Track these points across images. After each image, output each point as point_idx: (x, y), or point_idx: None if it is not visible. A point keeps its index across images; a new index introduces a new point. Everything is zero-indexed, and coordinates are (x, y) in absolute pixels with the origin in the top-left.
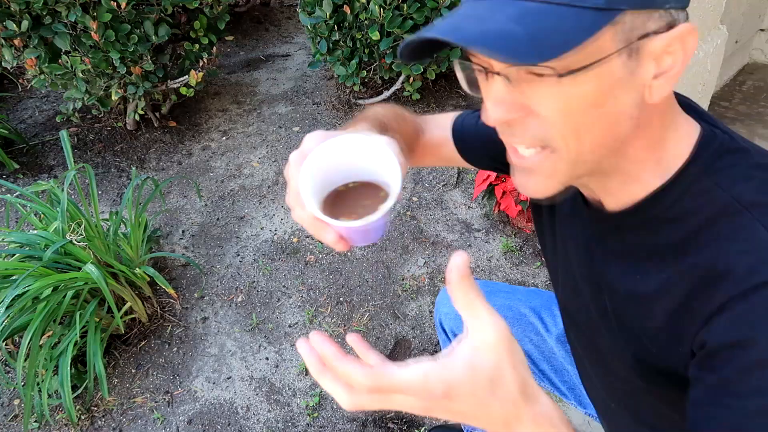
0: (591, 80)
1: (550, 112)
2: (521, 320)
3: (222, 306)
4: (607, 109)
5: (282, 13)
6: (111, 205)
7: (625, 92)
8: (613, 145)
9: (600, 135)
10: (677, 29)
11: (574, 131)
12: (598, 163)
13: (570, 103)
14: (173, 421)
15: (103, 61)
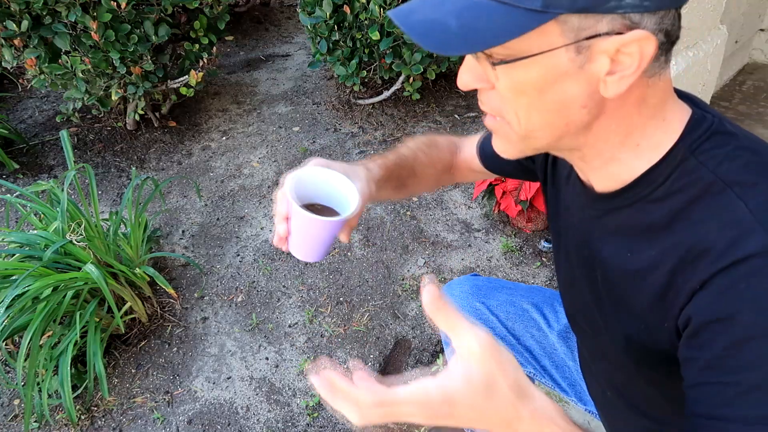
0: (535, 68)
1: (503, 89)
2: (523, 316)
3: (222, 306)
4: (553, 96)
5: (282, 13)
6: (111, 205)
7: (572, 83)
8: (566, 129)
9: (548, 117)
10: (630, 34)
11: (522, 110)
12: (557, 141)
13: (517, 85)
14: (173, 421)
15: (103, 61)
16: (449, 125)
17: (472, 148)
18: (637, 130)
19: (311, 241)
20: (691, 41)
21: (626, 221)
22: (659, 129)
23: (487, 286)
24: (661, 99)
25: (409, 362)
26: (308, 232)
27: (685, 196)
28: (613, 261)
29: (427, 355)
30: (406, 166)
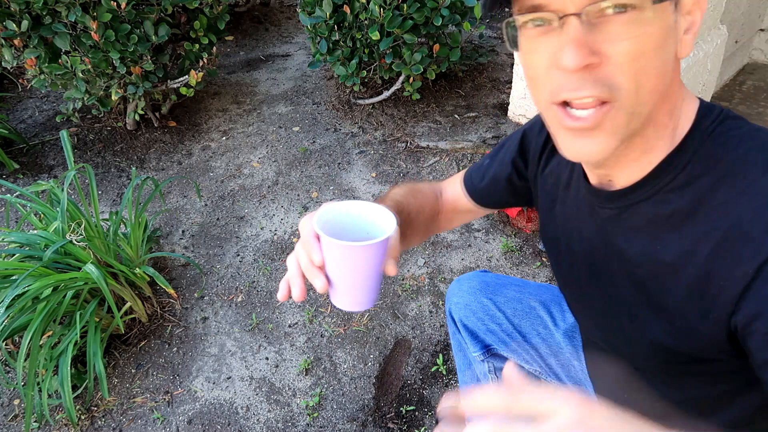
0: (657, 21)
1: (622, 54)
2: (530, 313)
3: (222, 306)
4: (663, 55)
5: (282, 13)
6: (111, 205)
7: (672, 40)
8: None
9: (655, 81)
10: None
11: (638, 75)
12: (646, 117)
13: (640, 42)
14: (173, 421)
15: (103, 61)
16: (449, 125)
17: (455, 187)
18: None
19: (358, 280)
20: None
21: (649, 214)
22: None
23: (496, 283)
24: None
25: (409, 362)
26: (352, 268)
27: (709, 179)
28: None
29: (427, 355)
30: (403, 213)
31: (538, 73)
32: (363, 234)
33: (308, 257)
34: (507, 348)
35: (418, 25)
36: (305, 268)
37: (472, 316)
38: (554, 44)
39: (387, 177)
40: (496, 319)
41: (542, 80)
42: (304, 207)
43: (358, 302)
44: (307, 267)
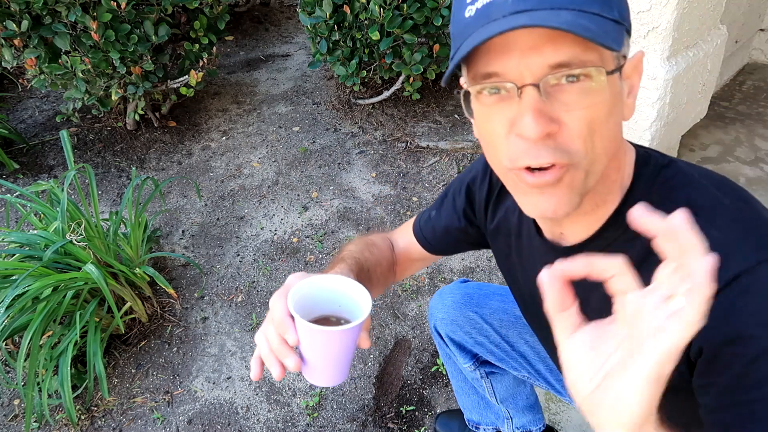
0: (608, 89)
1: (577, 121)
2: (516, 323)
3: (222, 306)
4: (614, 119)
5: (282, 13)
6: (111, 205)
7: (620, 105)
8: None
9: (608, 144)
10: (637, 55)
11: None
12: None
13: (594, 111)
14: (173, 421)
15: (103, 61)
16: (449, 125)
17: (406, 236)
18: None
19: (333, 360)
20: (691, 41)
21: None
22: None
23: (479, 294)
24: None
25: (409, 362)
26: (329, 349)
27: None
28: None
29: (427, 355)
30: (364, 269)
31: (496, 140)
32: (335, 307)
33: (280, 338)
34: (495, 358)
35: (418, 25)
36: (276, 348)
37: (459, 330)
38: (512, 111)
39: (387, 177)
40: (484, 332)
41: (501, 147)
42: (304, 207)
43: (333, 378)
44: (278, 348)
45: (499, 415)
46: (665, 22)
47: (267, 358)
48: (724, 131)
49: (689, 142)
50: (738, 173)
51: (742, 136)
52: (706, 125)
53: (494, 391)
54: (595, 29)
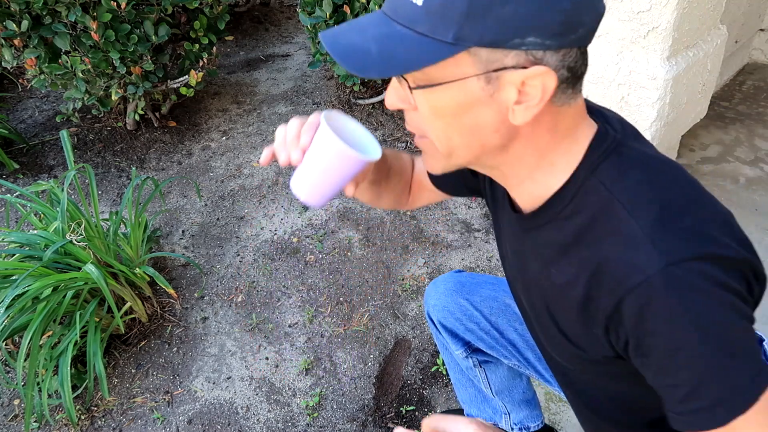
0: (450, 94)
1: (424, 111)
2: (506, 311)
3: (222, 306)
4: (467, 120)
5: (282, 13)
6: (111, 205)
7: (484, 110)
8: (482, 150)
9: (465, 139)
10: (532, 69)
11: (440, 131)
12: (476, 159)
13: (434, 109)
14: (173, 421)
15: (103, 61)
16: None
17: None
18: (551, 152)
19: (327, 177)
20: (691, 41)
21: (546, 239)
22: (570, 150)
23: (471, 282)
24: (572, 123)
25: (409, 362)
26: (330, 164)
27: (588, 213)
28: (542, 277)
29: (427, 355)
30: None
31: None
32: (354, 145)
33: (297, 133)
34: (485, 344)
35: None
36: (289, 140)
37: (450, 316)
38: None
39: None
40: (474, 318)
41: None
42: (304, 207)
43: (316, 196)
44: (291, 140)
45: (497, 410)
46: (665, 22)
47: (278, 147)
48: (724, 131)
49: (689, 142)
50: (738, 173)
51: (742, 136)
52: (706, 125)
53: (489, 382)
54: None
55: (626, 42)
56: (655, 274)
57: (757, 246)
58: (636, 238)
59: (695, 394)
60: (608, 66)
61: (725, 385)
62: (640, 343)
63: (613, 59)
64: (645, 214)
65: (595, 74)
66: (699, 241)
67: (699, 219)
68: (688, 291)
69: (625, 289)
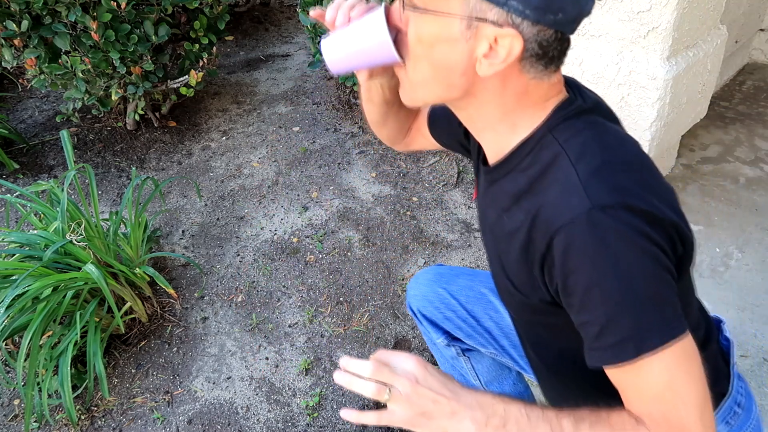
0: (434, 25)
1: (410, 34)
2: (481, 299)
3: (222, 306)
4: (440, 54)
5: (282, 13)
6: (111, 205)
7: (457, 50)
8: (449, 90)
9: (433, 73)
10: (504, 29)
11: (416, 59)
12: (445, 96)
13: (417, 34)
14: (173, 421)
15: (103, 61)
16: None
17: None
18: (514, 113)
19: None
20: (691, 41)
21: (504, 188)
22: (535, 114)
23: (450, 274)
24: (542, 96)
25: None
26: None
27: (540, 165)
28: (497, 225)
29: (427, 355)
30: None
31: None
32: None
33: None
34: (463, 333)
35: None
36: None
37: (430, 305)
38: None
39: (387, 177)
40: (451, 307)
41: None
42: (304, 207)
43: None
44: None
45: None
46: (665, 22)
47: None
48: (724, 131)
49: (689, 142)
50: (738, 173)
51: (742, 136)
52: (706, 125)
53: (476, 372)
54: None
55: (626, 42)
56: (581, 214)
57: (757, 246)
58: (572, 184)
59: (607, 330)
60: (608, 66)
61: (635, 324)
62: (565, 284)
63: (613, 59)
64: (585, 165)
65: (595, 74)
66: (628, 194)
67: (634, 179)
68: (608, 233)
69: (555, 229)
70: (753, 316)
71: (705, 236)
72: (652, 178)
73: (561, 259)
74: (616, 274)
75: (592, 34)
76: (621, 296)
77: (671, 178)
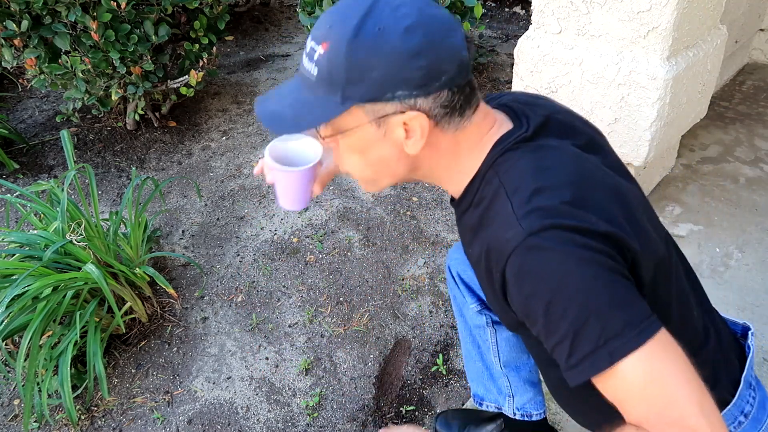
0: (354, 137)
1: (341, 151)
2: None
3: (222, 306)
4: (372, 156)
5: (282, 13)
6: (111, 205)
7: (383, 146)
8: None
9: (377, 169)
10: (407, 114)
11: (356, 165)
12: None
13: (346, 149)
14: (173, 421)
15: (103, 61)
16: None
17: None
18: (457, 163)
19: (289, 191)
20: (691, 41)
21: (465, 223)
22: (474, 156)
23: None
24: (474, 139)
25: (409, 362)
26: (284, 183)
27: (486, 201)
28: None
29: (427, 355)
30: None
31: None
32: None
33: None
34: None
35: None
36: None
37: (469, 269)
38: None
39: None
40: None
41: None
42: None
43: (289, 205)
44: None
45: (501, 391)
46: (665, 22)
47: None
48: (724, 131)
49: (689, 142)
50: (738, 173)
51: (742, 136)
52: (706, 125)
53: (498, 348)
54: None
55: (626, 42)
56: (520, 243)
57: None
58: (509, 217)
59: (577, 344)
60: (608, 66)
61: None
62: (527, 312)
63: (613, 59)
64: (519, 196)
65: (595, 74)
66: (558, 216)
67: (565, 199)
68: (547, 253)
69: (503, 262)
70: (753, 316)
71: (705, 236)
72: (588, 195)
73: (516, 288)
74: (568, 288)
75: (592, 34)
76: (579, 307)
77: (671, 178)
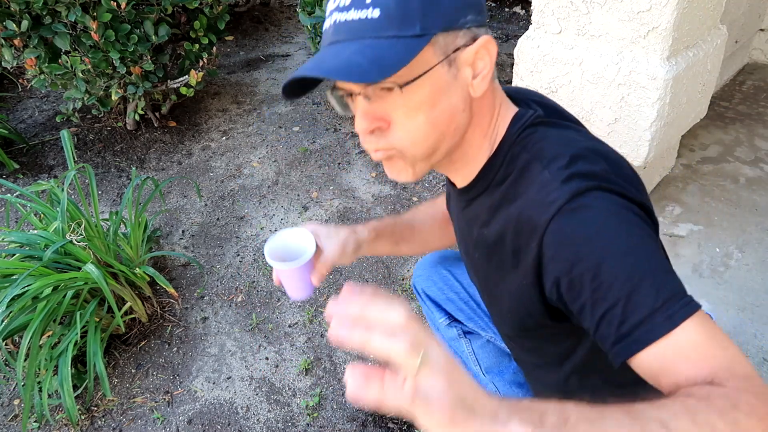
0: (424, 87)
1: (401, 118)
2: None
3: (222, 306)
4: (443, 106)
5: (282, 13)
6: (111, 205)
7: (453, 92)
8: (455, 136)
9: (443, 128)
10: (479, 41)
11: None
12: (447, 153)
13: (413, 106)
14: (173, 421)
15: (103, 61)
16: None
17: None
18: (489, 127)
19: (291, 283)
20: (691, 41)
21: (482, 204)
22: (499, 125)
23: (453, 256)
24: (500, 99)
25: None
26: (285, 277)
27: (513, 176)
28: (480, 241)
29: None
30: (401, 224)
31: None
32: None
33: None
34: (464, 315)
35: None
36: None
37: (433, 286)
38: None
39: (386, 177)
40: (454, 288)
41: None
42: (304, 207)
43: (294, 296)
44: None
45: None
46: (665, 22)
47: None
48: (724, 131)
49: (689, 142)
50: (738, 173)
51: (742, 136)
52: (706, 125)
53: (476, 357)
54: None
55: (626, 42)
56: (564, 205)
57: (757, 246)
58: (548, 183)
59: (631, 307)
60: (608, 66)
61: (656, 291)
62: (571, 279)
63: (613, 59)
64: (557, 164)
65: (595, 74)
66: (601, 179)
67: (603, 168)
68: (594, 212)
69: (542, 229)
70: (753, 316)
71: (705, 236)
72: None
73: (559, 254)
74: (618, 245)
75: (592, 34)
76: (631, 268)
77: (671, 178)
